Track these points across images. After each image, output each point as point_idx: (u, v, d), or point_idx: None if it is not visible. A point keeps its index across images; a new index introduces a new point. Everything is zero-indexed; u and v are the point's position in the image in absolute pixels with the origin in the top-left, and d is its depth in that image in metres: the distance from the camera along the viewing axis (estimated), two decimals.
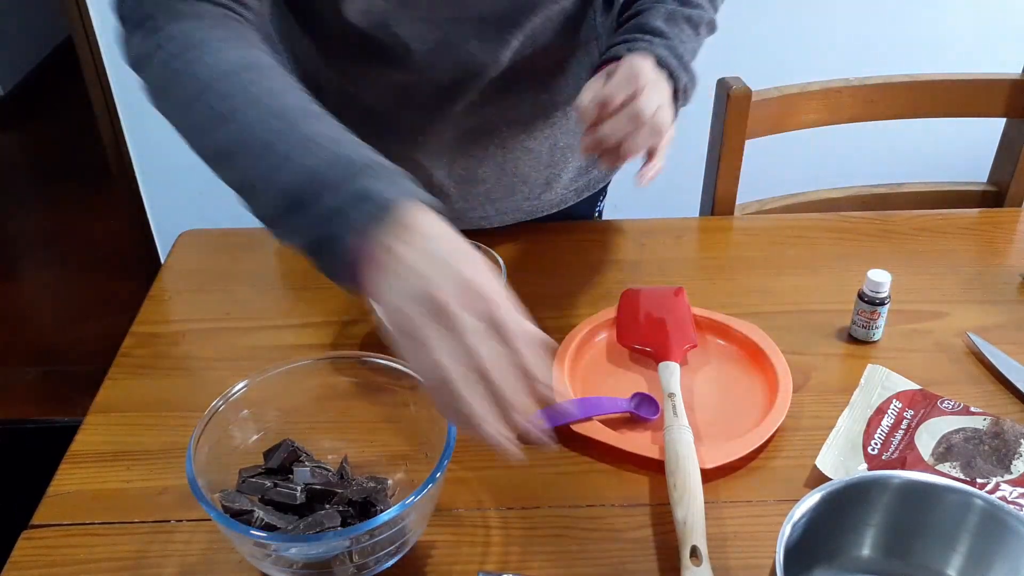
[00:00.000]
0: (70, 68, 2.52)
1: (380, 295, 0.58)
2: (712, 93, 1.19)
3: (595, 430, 0.79)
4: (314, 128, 0.64)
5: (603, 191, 1.20)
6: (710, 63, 1.00)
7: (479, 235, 0.91)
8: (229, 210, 1.10)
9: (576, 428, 0.79)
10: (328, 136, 0.63)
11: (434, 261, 0.57)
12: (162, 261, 1.08)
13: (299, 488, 0.68)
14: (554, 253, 1.06)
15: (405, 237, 0.57)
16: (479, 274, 0.57)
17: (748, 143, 1.20)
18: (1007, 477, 0.72)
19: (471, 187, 1.02)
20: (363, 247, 0.57)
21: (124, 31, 0.74)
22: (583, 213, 1.15)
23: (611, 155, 0.83)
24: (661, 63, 0.85)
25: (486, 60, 0.91)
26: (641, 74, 0.81)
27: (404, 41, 0.87)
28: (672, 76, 0.85)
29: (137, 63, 0.73)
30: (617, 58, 0.85)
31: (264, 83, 0.67)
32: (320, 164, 0.61)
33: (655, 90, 0.82)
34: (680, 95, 0.87)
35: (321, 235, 0.59)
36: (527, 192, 1.05)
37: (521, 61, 0.93)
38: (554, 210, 1.09)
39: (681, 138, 0.98)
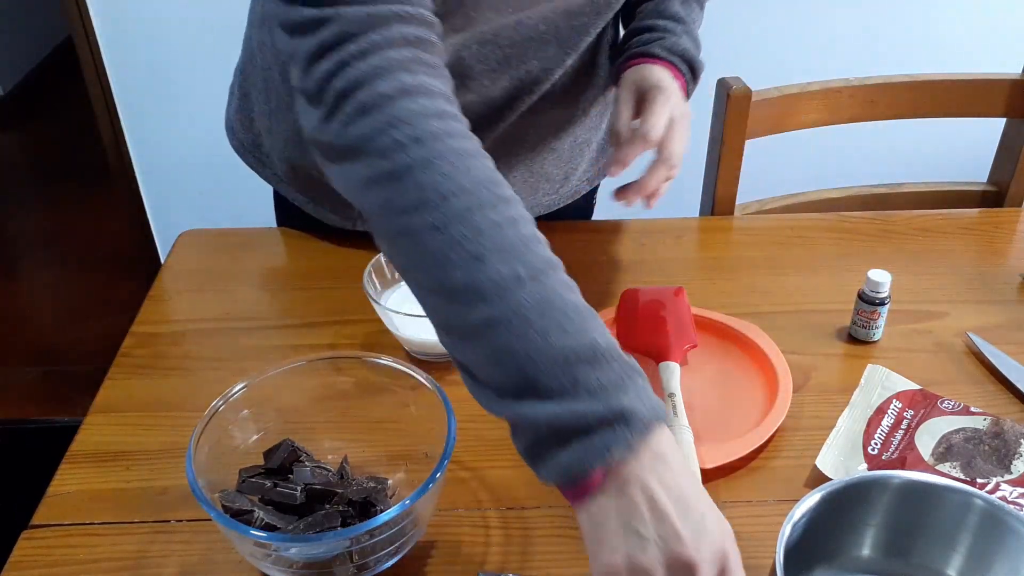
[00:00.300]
0: (70, 68, 2.52)
1: (610, 535, 0.50)
2: (712, 93, 1.19)
3: None
4: (564, 298, 0.56)
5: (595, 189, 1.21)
6: (710, 63, 1.00)
7: None
8: (229, 210, 1.10)
9: None
10: (582, 314, 0.55)
11: (689, 515, 0.50)
12: (162, 261, 1.08)
13: (299, 488, 0.68)
14: (554, 253, 1.05)
15: (660, 473, 0.50)
16: (731, 541, 0.52)
17: (748, 143, 1.20)
18: (1007, 477, 0.72)
19: None
20: (601, 472, 0.50)
21: (313, 100, 0.62)
22: (583, 204, 1.15)
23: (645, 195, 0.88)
24: (686, 57, 0.92)
25: (541, 77, 0.92)
26: (677, 119, 0.87)
27: (469, 64, 0.87)
28: (692, 70, 0.92)
29: (349, 151, 0.59)
30: (644, 55, 0.91)
31: (505, 208, 0.58)
32: (575, 356, 0.52)
33: (686, 126, 0.88)
34: (695, 84, 0.93)
35: (557, 441, 0.52)
36: (548, 188, 1.06)
37: (561, 72, 0.94)
38: (569, 201, 1.10)
39: None
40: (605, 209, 1.23)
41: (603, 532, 0.50)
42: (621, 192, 0.89)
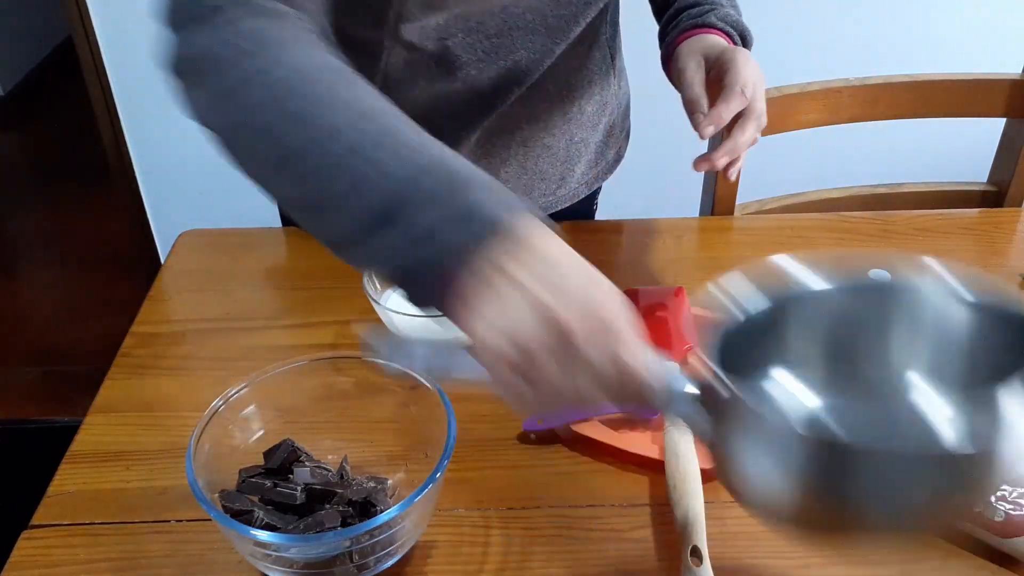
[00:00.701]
0: (70, 68, 2.52)
1: (480, 323, 0.49)
2: None
3: (595, 430, 0.79)
4: (407, 134, 0.55)
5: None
6: None
7: None
8: (229, 210, 1.10)
9: (576, 428, 0.79)
10: (424, 142, 0.54)
11: (555, 283, 0.49)
12: (162, 261, 1.08)
13: (299, 488, 0.68)
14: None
15: (519, 256, 0.49)
16: (611, 302, 0.50)
17: None
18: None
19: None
20: (465, 272, 0.50)
21: (178, 26, 0.63)
22: (583, 209, 1.15)
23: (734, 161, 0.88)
24: (738, 27, 0.95)
25: (530, 68, 0.92)
26: (753, 79, 0.86)
27: (456, 53, 0.87)
28: (744, 39, 0.96)
29: (194, 63, 0.62)
30: (699, 26, 0.93)
31: (349, 86, 0.58)
32: (417, 173, 0.52)
33: (763, 84, 0.88)
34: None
35: (415, 258, 0.51)
36: (544, 188, 1.05)
37: (552, 65, 0.94)
38: (566, 204, 1.09)
39: (681, 138, 0.98)
40: (605, 209, 1.23)
41: (476, 323, 0.50)
42: (705, 160, 0.87)
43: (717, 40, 0.92)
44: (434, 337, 0.77)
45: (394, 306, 0.86)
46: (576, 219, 1.14)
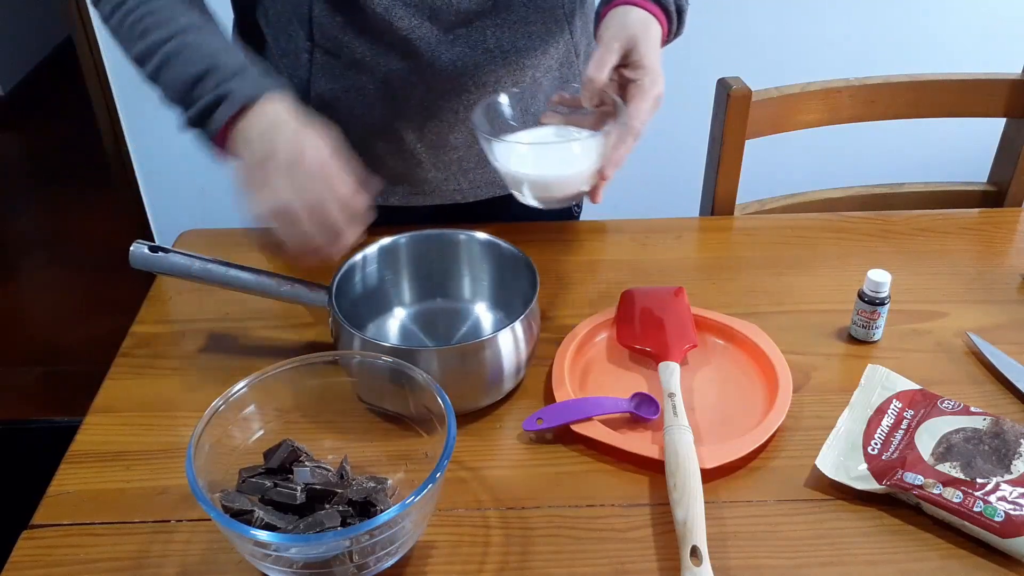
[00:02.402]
0: (70, 68, 2.52)
1: (251, 205, 0.77)
2: (712, 93, 1.19)
3: (595, 430, 0.79)
4: (204, 42, 0.84)
5: None
6: (710, 63, 1.00)
7: (460, 210, 1.00)
8: (229, 210, 1.10)
9: (576, 428, 0.79)
10: (214, 49, 0.83)
11: (275, 132, 0.77)
12: None
13: (299, 488, 0.68)
14: (554, 253, 1.06)
15: (254, 123, 0.78)
16: (309, 139, 0.77)
17: (748, 143, 1.20)
18: (1007, 477, 0.72)
19: (442, 154, 1.03)
20: (225, 134, 0.79)
21: None
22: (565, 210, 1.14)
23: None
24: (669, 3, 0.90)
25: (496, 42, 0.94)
26: (653, 88, 0.86)
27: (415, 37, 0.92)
28: (679, 13, 0.92)
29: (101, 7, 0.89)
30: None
31: (184, 17, 0.86)
32: (197, 71, 0.81)
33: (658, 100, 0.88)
34: (680, 29, 0.94)
35: (198, 124, 0.82)
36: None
37: (492, 22, 0.95)
38: None
39: (681, 138, 0.98)
40: (605, 210, 1.23)
41: (249, 206, 0.77)
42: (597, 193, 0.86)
43: (644, 21, 0.88)
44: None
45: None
46: (560, 219, 1.14)
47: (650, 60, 0.86)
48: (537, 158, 0.86)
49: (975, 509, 0.70)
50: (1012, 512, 0.69)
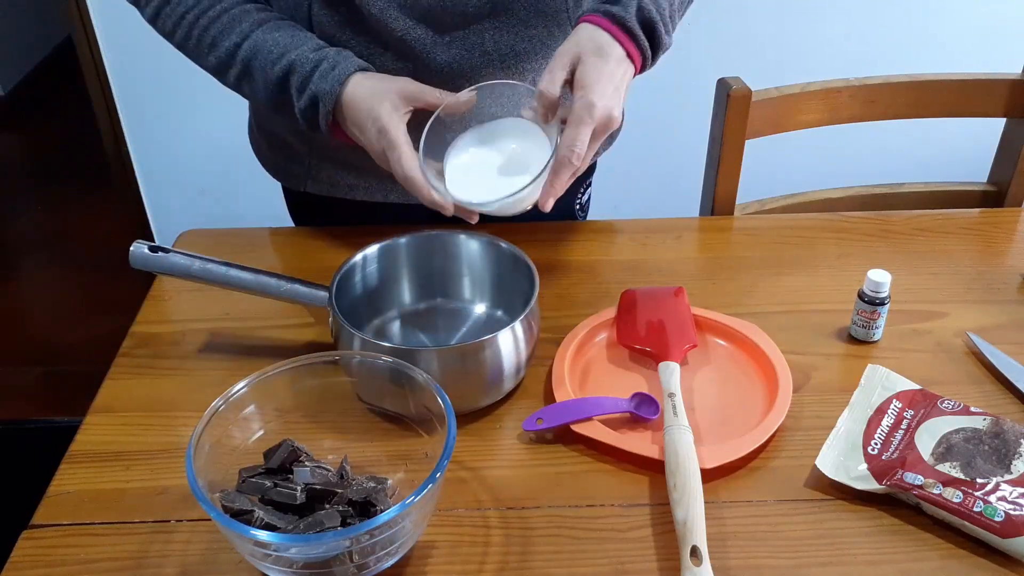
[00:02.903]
0: (70, 68, 2.52)
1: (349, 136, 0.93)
2: (712, 93, 1.19)
3: (595, 430, 0.79)
4: (271, 39, 0.92)
5: (583, 184, 1.20)
6: (710, 63, 1.00)
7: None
8: (229, 210, 1.10)
9: (576, 428, 0.79)
10: (284, 44, 0.91)
11: (362, 119, 0.89)
12: None
13: (299, 488, 0.68)
14: (554, 253, 1.06)
15: (347, 116, 0.90)
16: (380, 126, 0.87)
17: (748, 143, 1.20)
18: (1007, 477, 0.72)
19: None
20: (334, 130, 0.92)
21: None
22: (562, 207, 1.14)
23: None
24: (632, 27, 0.85)
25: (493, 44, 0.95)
26: (586, 112, 0.82)
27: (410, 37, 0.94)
28: (633, 40, 0.86)
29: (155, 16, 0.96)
30: (606, 15, 0.85)
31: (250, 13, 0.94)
32: (278, 75, 0.91)
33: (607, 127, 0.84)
34: (654, 54, 0.89)
35: (313, 127, 0.92)
36: None
37: (491, 24, 0.95)
38: None
39: (681, 138, 0.99)
40: (604, 210, 1.23)
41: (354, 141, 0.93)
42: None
43: (596, 40, 0.85)
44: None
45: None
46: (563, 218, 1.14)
47: (589, 80, 0.83)
48: (471, 186, 0.87)
49: (975, 509, 0.70)
50: (1012, 512, 0.69)
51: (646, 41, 0.87)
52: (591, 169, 1.22)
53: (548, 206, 0.84)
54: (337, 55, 0.91)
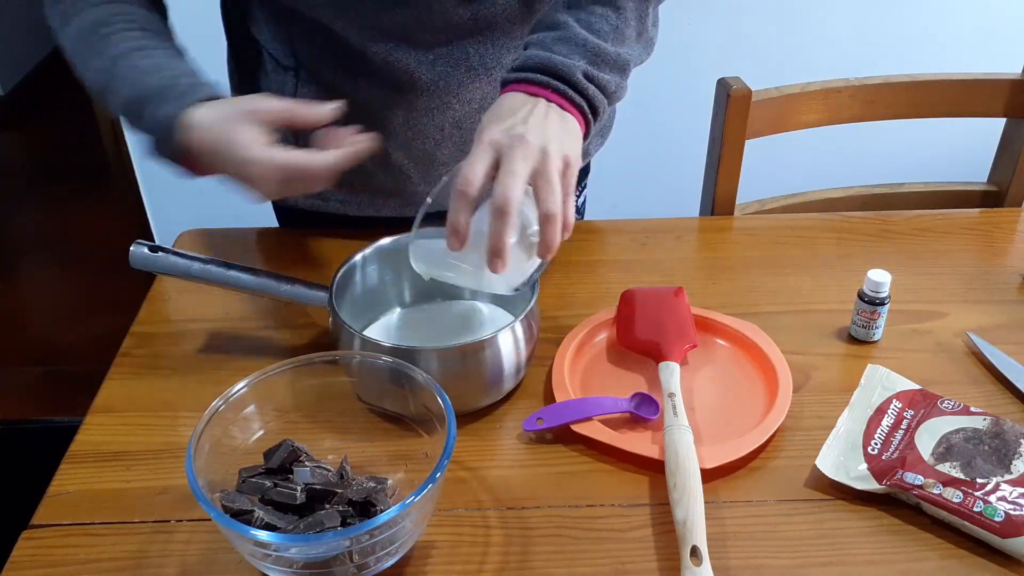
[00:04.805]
0: (70, 68, 2.52)
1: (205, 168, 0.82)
2: (712, 93, 1.19)
3: (595, 430, 0.79)
4: (138, 64, 0.86)
5: (578, 186, 1.19)
6: (710, 63, 1.00)
7: None
8: (229, 210, 1.10)
9: (576, 428, 0.79)
10: (144, 69, 0.85)
11: (214, 143, 0.79)
12: None
13: (299, 488, 0.68)
14: None
15: (190, 136, 0.80)
16: (232, 141, 0.78)
17: (748, 143, 1.20)
18: (1007, 477, 0.72)
19: (431, 169, 1.03)
20: (171, 149, 0.82)
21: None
22: None
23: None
24: (566, 73, 0.79)
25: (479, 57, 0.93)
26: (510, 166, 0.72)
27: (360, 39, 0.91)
28: (561, 95, 0.79)
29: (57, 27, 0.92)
30: (523, 81, 0.79)
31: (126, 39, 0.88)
32: (133, 93, 0.84)
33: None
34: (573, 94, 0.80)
35: (147, 140, 0.84)
36: None
37: (474, 40, 0.94)
38: None
39: (681, 138, 0.98)
40: (604, 210, 1.23)
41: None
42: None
43: (505, 110, 0.77)
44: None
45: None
46: None
47: (485, 135, 0.74)
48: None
49: (975, 509, 0.70)
50: (1012, 512, 0.69)
51: (547, 79, 0.79)
52: (585, 171, 1.22)
53: (496, 267, 0.72)
54: (189, 83, 0.83)
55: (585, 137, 0.81)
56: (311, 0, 0.90)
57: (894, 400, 0.82)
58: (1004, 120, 1.27)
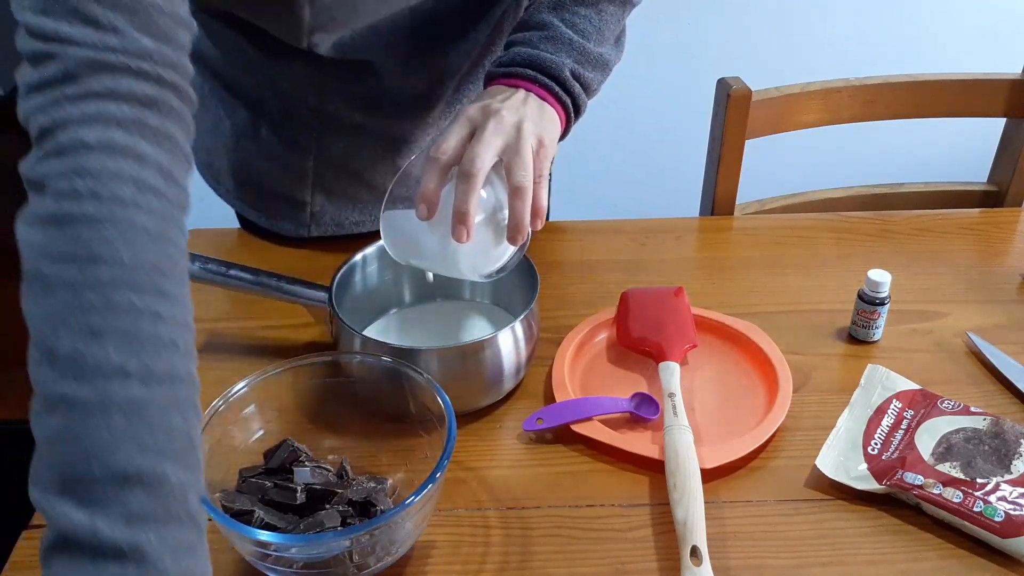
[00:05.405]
0: None
1: None
2: (712, 93, 1.19)
3: (595, 430, 0.79)
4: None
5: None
6: (710, 63, 1.00)
7: None
8: (229, 210, 1.10)
9: (576, 428, 0.79)
10: (168, 440, 0.52)
11: None
12: None
13: (299, 488, 0.68)
14: (554, 253, 1.06)
15: None
16: None
17: (748, 143, 1.20)
18: (1007, 477, 0.72)
19: None
20: None
21: (25, 129, 0.60)
22: None
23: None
24: (550, 69, 0.79)
25: (459, 62, 0.93)
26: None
27: (374, 63, 0.90)
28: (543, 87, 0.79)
29: (33, 185, 0.59)
30: (506, 76, 0.80)
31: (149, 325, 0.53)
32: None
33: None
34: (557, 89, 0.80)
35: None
36: None
37: (453, 52, 0.94)
38: None
39: (681, 138, 0.99)
40: (603, 210, 1.23)
41: None
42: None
43: (497, 95, 0.78)
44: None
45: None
46: None
47: (463, 112, 0.75)
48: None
49: (975, 509, 0.70)
50: (1012, 512, 0.69)
51: (533, 73, 0.79)
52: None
53: (460, 234, 0.71)
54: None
55: (564, 134, 0.82)
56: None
57: (894, 400, 0.82)
58: (1004, 120, 1.27)
